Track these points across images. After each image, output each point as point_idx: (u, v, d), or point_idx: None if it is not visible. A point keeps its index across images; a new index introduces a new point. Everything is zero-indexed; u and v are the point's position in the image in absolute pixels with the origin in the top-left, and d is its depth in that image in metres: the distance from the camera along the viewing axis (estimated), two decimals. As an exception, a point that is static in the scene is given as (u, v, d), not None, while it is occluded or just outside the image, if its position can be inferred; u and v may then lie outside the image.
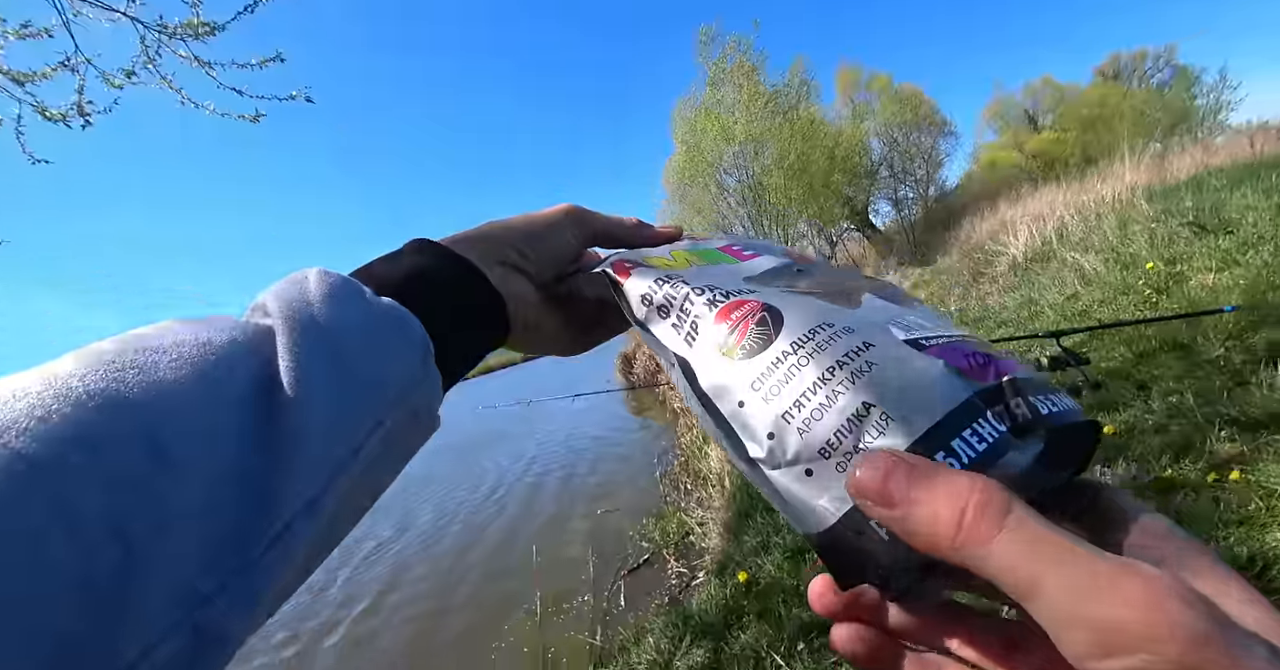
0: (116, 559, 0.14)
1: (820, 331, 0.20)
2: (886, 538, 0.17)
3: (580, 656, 2.29)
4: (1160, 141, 10.54)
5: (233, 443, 0.18)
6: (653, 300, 0.25)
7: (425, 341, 0.24)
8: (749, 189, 11.75)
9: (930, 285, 6.89)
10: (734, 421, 0.21)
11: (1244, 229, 3.42)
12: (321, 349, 0.21)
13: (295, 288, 0.23)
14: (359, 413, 0.21)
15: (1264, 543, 1.33)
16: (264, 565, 0.18)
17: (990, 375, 0.19)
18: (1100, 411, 2.17)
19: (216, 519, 0.17)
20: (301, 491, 0.19)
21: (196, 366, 0.19)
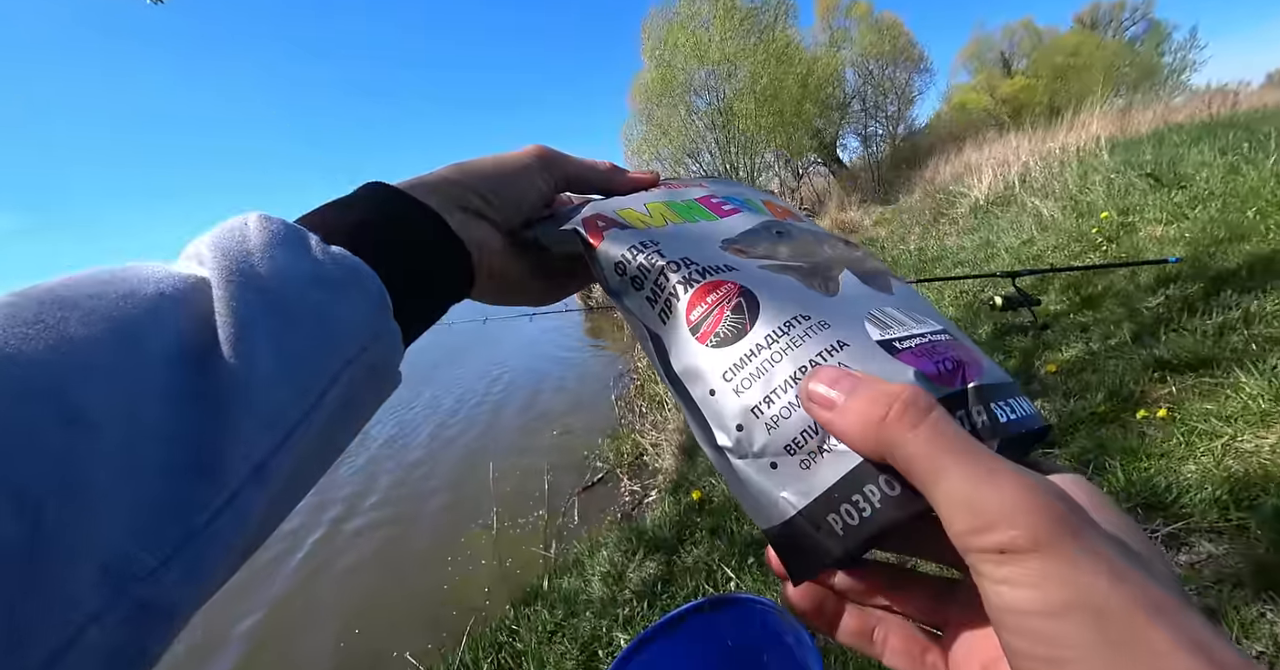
0: (21, 532, 0.13)
1: (796, 325, 0.20)
2: (841, 532, 0.18)
3: (535, 568, 2.37)
4: (1126, 96, 10.67)
5: (158, 403, 0.16)
6: (627, 270, 0.24)
7: (381, 293, 0.22)
8: (719, 112, 11.30)
9: (891, 223, 6.95)
10: (704, 407, 0.21)
11: (1196, 184, 3.53)
12: (262, 302, 0.19)
13: (233, 235, 0.21)
14: (310, 371, 0.20)
15: (1180, 474, 1.44)
16: (212, 533, 0.16)
17: (958, 380, 0.20)
18: (1045, 350, 2.27)
19: (147, 485, 0.15)
20: (248, 455, 0.17)
21: (114, 321, 0.17)
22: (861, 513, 0.18)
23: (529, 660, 1.56)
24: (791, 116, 11.35)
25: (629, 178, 0.32)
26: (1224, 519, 1.26)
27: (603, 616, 1.66)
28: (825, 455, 0.18)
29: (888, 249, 5.63)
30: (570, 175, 0.31)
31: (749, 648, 0.97)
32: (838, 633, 0.22)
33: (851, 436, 0.17)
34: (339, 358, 0.21)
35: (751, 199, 0.31)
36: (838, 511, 0.18)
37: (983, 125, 12.22)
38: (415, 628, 2.18)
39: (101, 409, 0.15)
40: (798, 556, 0.19)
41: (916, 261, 4.57)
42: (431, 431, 4.72)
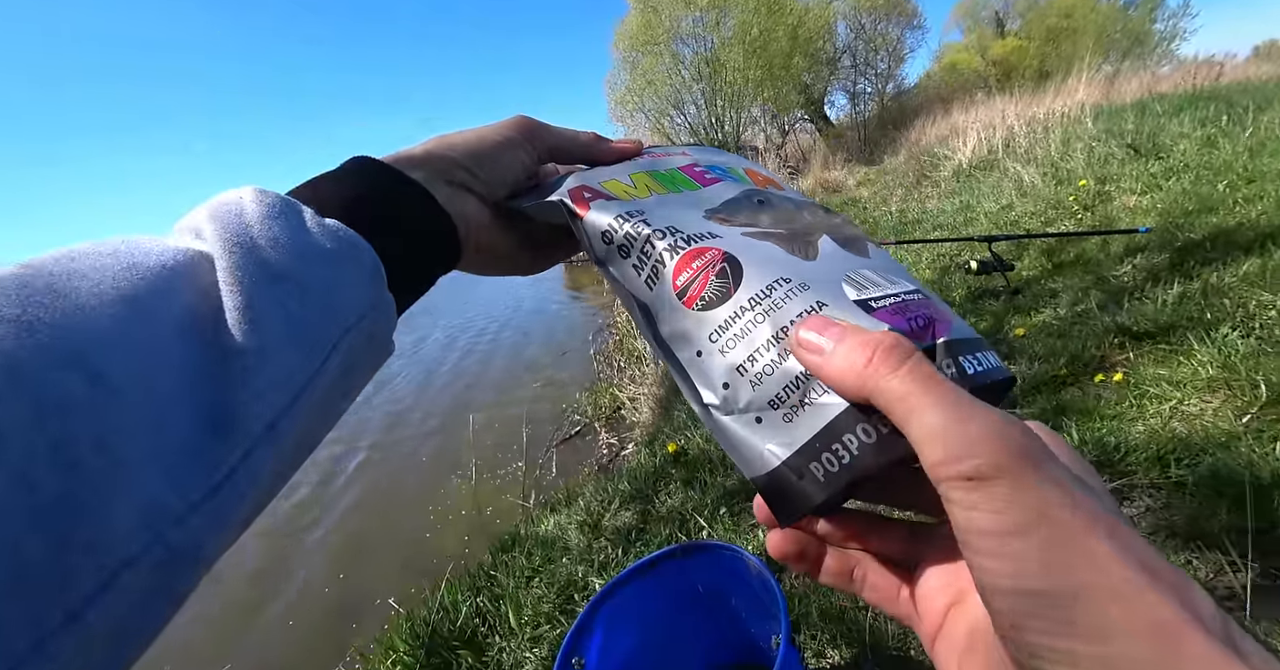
0: (57, 484, 0.14)
1: (778, 288, 0.21)
2: (822, 479, 0.19)
3: (514, 518, 2.43)
4: (1115, 64, 10.58)
5: (172, 370, 0.17)
6: (613, 239, 0.25)
7: (376, 265, 0.23)
8: (705, 63, 10.92)
9: (875, 185, 6.93)
10: (690, 369, 0.22)
11: (1173, 156, 3.57)
12: (265, 273, 0.20)
13: (230, 209, 0.22)
14: (313, 338, 0.21)
15: (1129, 433, 1.52)
16: (231, 486, 0.17)
17: (929, 336, 0.21)
18: (1015, 314, 2.33)
19: (170, 442, 0.16)
20: (261, 415, 0.18)
21: (124, 292, 0.17)
22: (841, 460, 0.19)
23: (507, 603, 1.62)
24: (780, 70, 11.04)
25: (612, 148, 0.33)
26: (1164, 476, 1.35)
27: (579, 562, 1.73)
28: (806, 408, 0.20)
29: (869, 210, 5.63)
30: (553, 146, 0.32)
31: (718, 591, 1.02)
32: (820, 574, 0.24)
33: (838, 380, 0.18)
34: (339, 326, 0.22)
35: (734, 167, 0.32)
36: (819, 460, 0.19)
37: (972, 87, 12.06)
38: (397, 574, 2.24)
39: (121, 374, 0.16)
40: (783, 503, 0.20)
41: (897, 223, 4.59)
42: (406, 382, 4.71)
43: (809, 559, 0.24)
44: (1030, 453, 0.15)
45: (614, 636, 0.93)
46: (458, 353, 5.44)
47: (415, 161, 0.27)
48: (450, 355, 5.38)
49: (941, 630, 0.20)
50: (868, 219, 5.16)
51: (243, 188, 0.23)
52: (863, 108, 13.19)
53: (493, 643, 1.54)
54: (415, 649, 1.53)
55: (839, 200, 6.55)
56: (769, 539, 0.24)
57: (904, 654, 1.17)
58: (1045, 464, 0.15)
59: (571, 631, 0.88)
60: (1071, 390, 1.79)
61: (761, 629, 1.00)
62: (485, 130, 0.30)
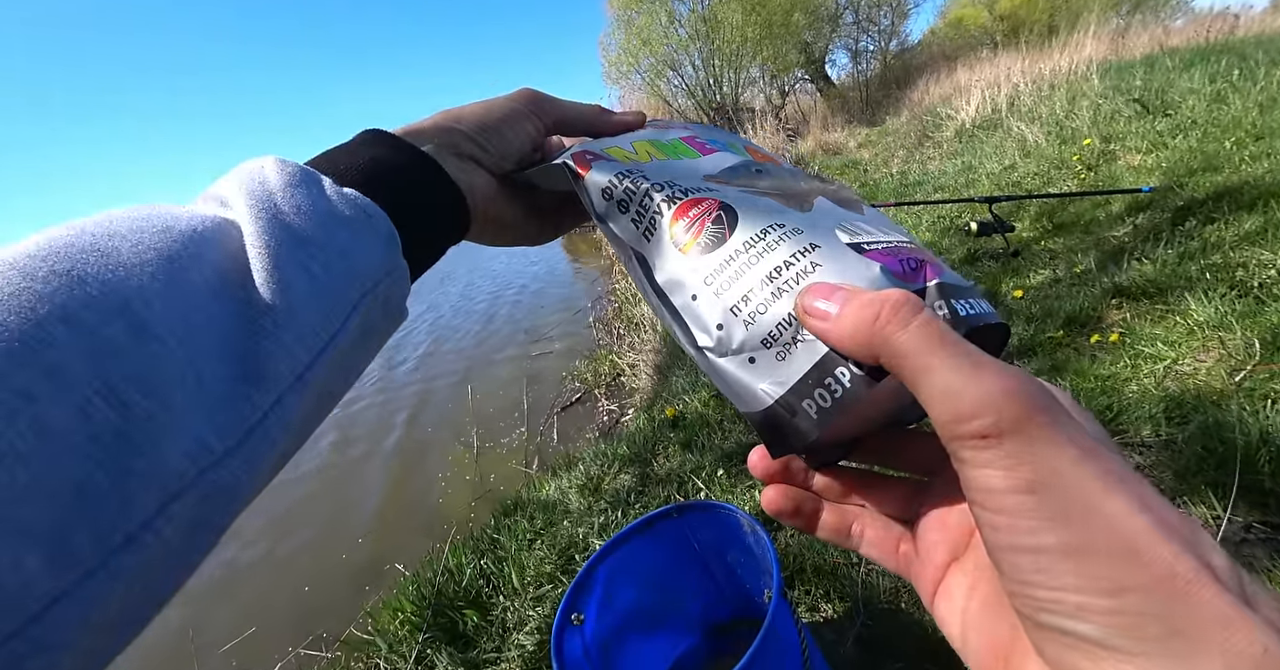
0: (116, 419, 0.15)
1: (772, 232, 0.22)
2: (815, 416, 0.19)
3: (515, 483, 2.47)
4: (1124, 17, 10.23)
5: (210, 322, 0.18)
6: (613, 194, 0.26)
7: (391, 232, 0.24)
8: (702, 21, 10.56)
9: (876, 146, 6.80)
10: (685, 313, 0.23)
11: (1181, 112, 3.49)
12: (290, 237, 0.21)
13: (254, 177, 0.23)
14: (335, 298, 0.22)
15: (1122, 394, 1.54)
16: (264, 430, 0.19)
17: (921, 279, 0.21)
18: (1015, 275, 2.32)
19: (209, 388, 0.18)
20: (290, 366, 0.20)
21: (161, 252, 0.18)
22: (833, 395, 0.19)
23: (510, 564, 1.66)
24: (779, 28, 10.67)
25: (616, 119, 0.34)
26: (1155, 434, 1.37)
27: (579, 524, 1.77)
28: (799, 345, 0.20)
29: (870, 172, 5.54)
30: (559, 118, 0.32)
31: (714, 548, 1.05)
32: (817, 529, 0.24)
33: (846, 341, 0.18)
34: (358, 288, 0.23)
35: (734, 143, 0.32)
36: (811, 397, 0.19)
37: (978, 44, 11.70)
38: (412, 540, 2.30)
39: (162, 326, 0.17)
40: (779, 440, 0.20)
41: (898, 185, 4.52)
42: (408, 351, 4.73)
43: (804, 514, 0.24)
44: (1044, 408, 0.15)
45: (613, 593, 0.95)
46: (450, 321, 5.45)
47: (425, 134, 0.28)
48: (441, 324, 5.38)
49: (941, 586, 0.20)
50: (868, 181, 5.08)
51: (264, 158, 0.24)
52: (865, 67, 12.81)
53: (497, 602, 1.58)
54: (422, 609, 1.57)
55: (839, 162, 6.44)
56: (764, 495, 0.24)
57: (895, 607, 1.21)
58: (1059, 419, 0.15)
59: (571, 588, 0.90)
60: (1067, 351, 1.79)
61: (757, 585, 1.03)
62: (492, 103, 0.31)
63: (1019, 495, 0.14)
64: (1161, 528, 0.13)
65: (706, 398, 2.24)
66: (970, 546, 0.20)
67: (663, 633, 1.04)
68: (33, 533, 0.14)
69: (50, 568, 0.14)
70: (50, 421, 0.14)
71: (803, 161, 6.60)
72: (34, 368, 0.15)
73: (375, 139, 0.27)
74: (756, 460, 0.24)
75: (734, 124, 9.37)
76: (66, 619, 0.14)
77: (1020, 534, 0.14)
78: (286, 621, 2.11)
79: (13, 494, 0.13)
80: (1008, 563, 0.15)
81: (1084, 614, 0.13)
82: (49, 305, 0.16)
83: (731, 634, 1.10)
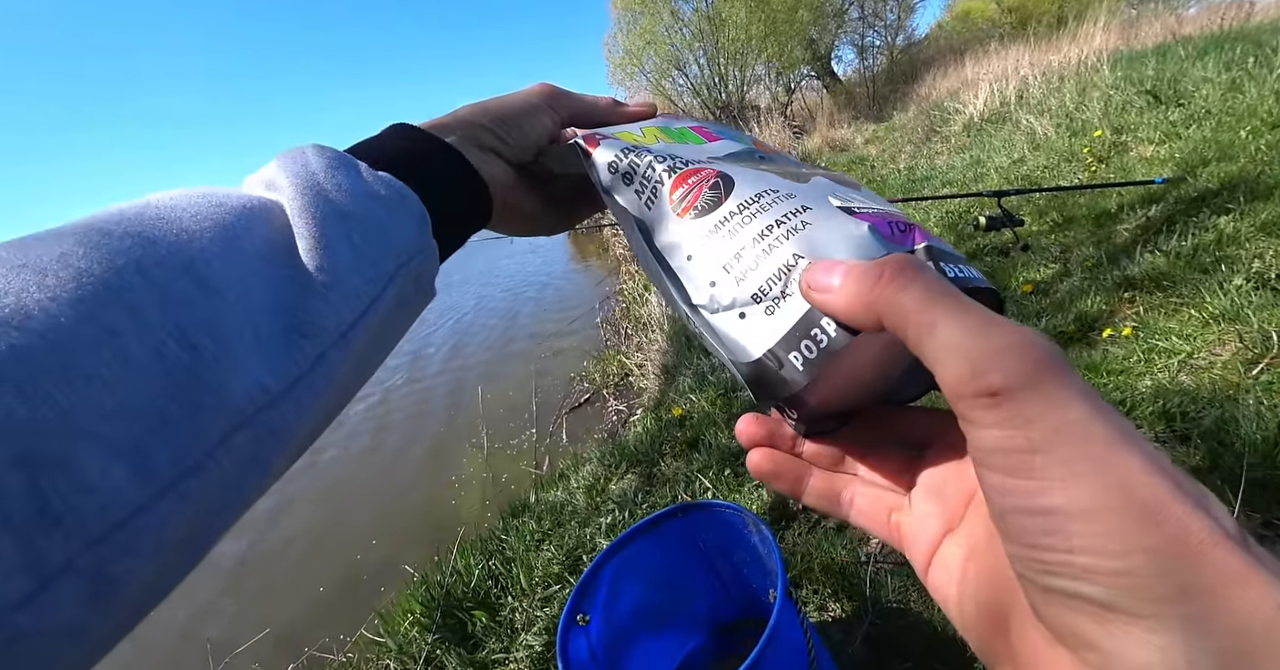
0: (187, 358, 0.17)
1: (765, 195, 0.23)
2: (801, 367, 0.20)
3: (525, 484, 2.48)
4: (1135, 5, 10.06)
5: (264, 283, 0.20)
6: (618, 168, 0.27)
7: (423, 212, 0.26)
8: (706, 19, 10.53)
9: (884, 141, 6.75)
10: (681, 273, 0.24)
11: (1195, 102, 3.43)
12: (334, 211, 0.23)
13: (297, 161, 0.25)
14: (375, 267, 0.23)
15: (1136, 389, 1.51)
16: (311, 380, 0.20)
17: (910, 241, 0.21)
18: (1024, 270, 2.30)
19: (265, 337, 0.19)
20: (336, 324, 0.21)
21: (216, 222, 0.20)
22: (819, 345, 0.19)
23: (518, 565, 1.67)
24: (784, 25, 10.62)
25: (628, 111, 0.35)
26: (1169, 429, 1.34)
27: (586, 525, 1.77)
28: (787, 299, 0.20)
29: (877, 168, 5.50)
30: (574, 111, 0.34)
31: (720, 547, 1.04)
32: (804, 494, 0.24)
33: (848, 308, 0.18)
34: (394, 260, 0.24)
35: (740, 137, 0.34)
36: (798, 348, 0.20)
37: (985, 37, 11.58)
38: (423, 540, 2.31)
39: (222, 283, 0.19)
40: (765, 389, 0.21)
41: (905, 181, 4.48)
42: (418, 350, 4.76)
43: (788, 479, 0.24)
44: (1056, 364, 0.14)
45: (618, 594, 0.95)
46: (461, 321, 5.48)
47: (449, 127, 0.30)
48: (452, 324, 5.41)
49: (935, 557, 0.20)
50: (875, 177, 5.05)
51: (304, 145, 0.26)
52: (871, 62, 12.72)
53: (505, 603, 1.59)
54: (431, 610, 1.58)
55: (846, 159, 6.40)
56: (749, 458, 0.24)
57: (904, 606, 1.20)
58: (1070, 375, 0.14)
59: (576, 589, 0.90)
60: (1079, 345, 1.77)
61: (763, 584, 1.02)
62: (512, 97, 0.33)
63: (1028, 454, 0.14)
64: (1174, 488, 0.13)
65: (713, 396, 2.23)
66: (965, 517, 0.20)
67: (669, 632, 1.04)
68: (120, 448, 0.15)
69: (134, 480, 0.15)
70: (132, 355, 0.16)
71: (809, 158, 6.56)
72: (117, 308, 0.16)
73: (403, 132, 0.29)
74: (743, 427, 0.24)
75: (740, 122, 9.34)
76: (146, 529, 0.16)
77: (1029, 495, 0.14)
78: (301, 622, 2.13)
79: (103, 413, 0.15)
80: (1014, 525, 0.14)
81: (1091, 575, 0.13)
82: (125, 259, 0.18)
83: (738, 633, 1.09)
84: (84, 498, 0.15)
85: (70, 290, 0.16)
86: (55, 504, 0.14)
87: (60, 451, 0.14)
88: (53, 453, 0.14)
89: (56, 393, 0.15)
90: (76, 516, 0.14)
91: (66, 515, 0.14)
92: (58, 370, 0.15)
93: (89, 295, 0.16)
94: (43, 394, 0.14)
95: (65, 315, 0.16)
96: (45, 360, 0.15)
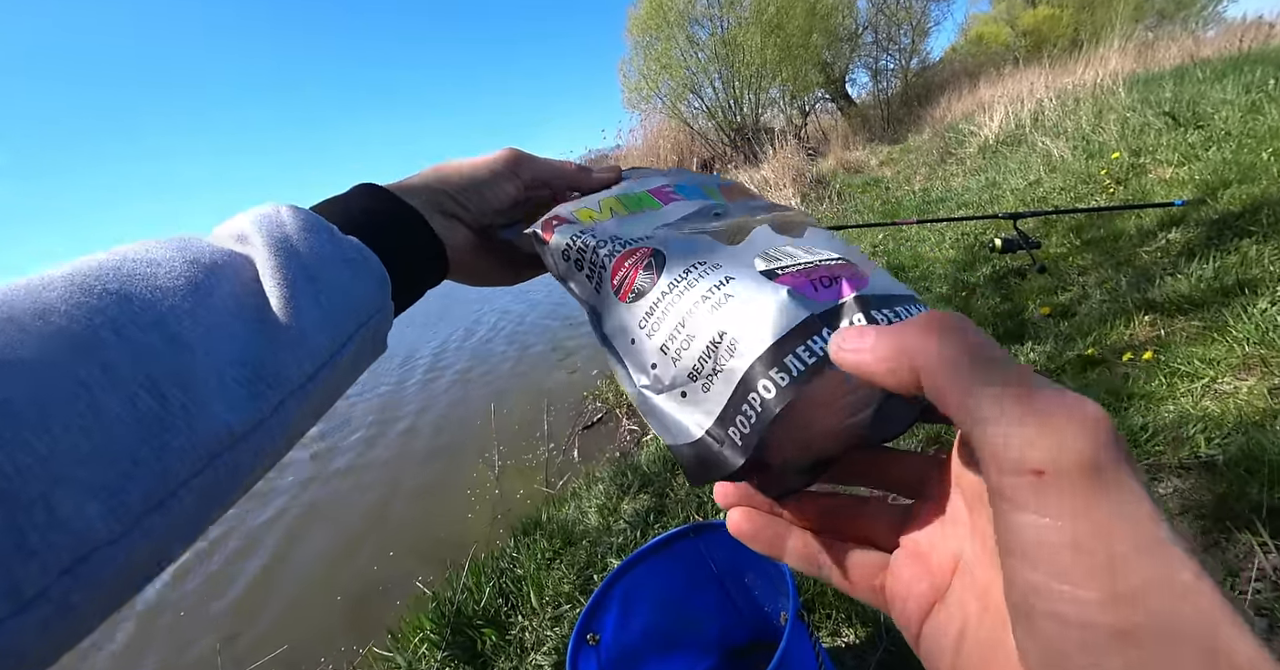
0: (157, 407, 0.19)
1: (694, 270, 0.23)
2: (740, 442, 0.19)
3: (536, 501, 2.47)
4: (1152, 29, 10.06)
5: (234, 337, 0.22)
6: (570, 255, 0.28)
7: (384, 276, 0.28)
8: (722, 44, 10.72)
9: (898, 163, 6.77)
10: (626, 357, 0.24)
11: (1214, 124, 3.41)
12: (304, 273, 0.25)
13: (272, 221, 0.26)
14: (336, 327, 0.25)
15: (1158, 414, 1.49)
16: (267, 427, 0.22)
17: (835, 295, 0.21)
18: (1041, 293, 2.27)
19: (232, 385, 0.21)
20: (296, 375, 0.23)
21: (189, 279, 0.22)
22: (750, 419, 0.19)
23: (528, 584, 1.66)
24: (799, 49, 10.77)
25: (593, 178, 0.36)
26: (1194, 456, 1.32)
27: (597, 544, 1.76)
28: (720, 374, 0.20)
29: (892, 190, 5.51)
30: (539, 177, 0.35)
31: (732, 569, 1.03)
32: (785, 555, 0.23)
33: (882, 367, 0.16)
34: (355, 321, 0.26)
35: (708, 185, 0.34)
36: (734, 423, 0.19)
37: (1000, 60, 11.64)
38: (434, 558, 2.31)
39: (191, 337, 0.21)
40: (699, 470, 0.21)
41: (921, 203, 4.48)
42: (430, 377, 4.80)
43: (763, 541, 0.23)
44: (1114, 443, 0.12)
45: (629, 614, 0.95)
46: (484, 333, 5.54)
47: (414, 191, 0.32)
48: (476, 340, 5.47)
49: (925, 628, 0.19)
50: (890, 199, 5.05)
51: (278, 205, 0.28)
52: (885, 85, 12.82)
53: (515, 622, 1.58)
54: (441, 627, 1.58)
55: (861, 180, 6.42)
56: (728, 518, 0.23)
57: (921, 633, 1.17)
58: (1128, 466, 0.12)
59: (586, 609, 0.90)
60: (1099, 369, 1.74)
61: (775, 607, 1.01)
62: (478, 163, 0.34)
63: (1074, 553, 0.12)
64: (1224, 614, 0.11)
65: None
66: (952, 585, 0.18)
67: (679, 654, 1.03)
68: (95, 488, 0.17)
69: (107, 517, 0.17)
70: (106, 405, 0.18)
71: (824, 180, 6.59)
72: (92, 364, 0.18)
73: (372, 192, 0.31)
74: (719, 488, 0.23)
75: (754, 144, 9.42)
76: (111, 562, 0.17)
77: (1068, 602, 0.12)
78: (311, 638, 2.13)
79: (78, 457, 0.17)
80: (1043, 630, 0.12)
81: None
82: (102, 316, 0.19)
83: (749, 657, 1.07)
84: (59, 533, 0.16)
85: (50, 347, 0.18)
86: (32, 538, 0.16)
87: (39, 492, 0.16)
88: (32, 493, 0.16)
89: (34, 440, 0.16)
90: (52, 550, 0.16)
91: (42, 549, 0.16)
92: (36, 420, 0.17)
93: (66, 352, 0.18)
94: (20, 441, 0.16)
95: (44, 372, 0.17)
96: (25, 412, 0.16)
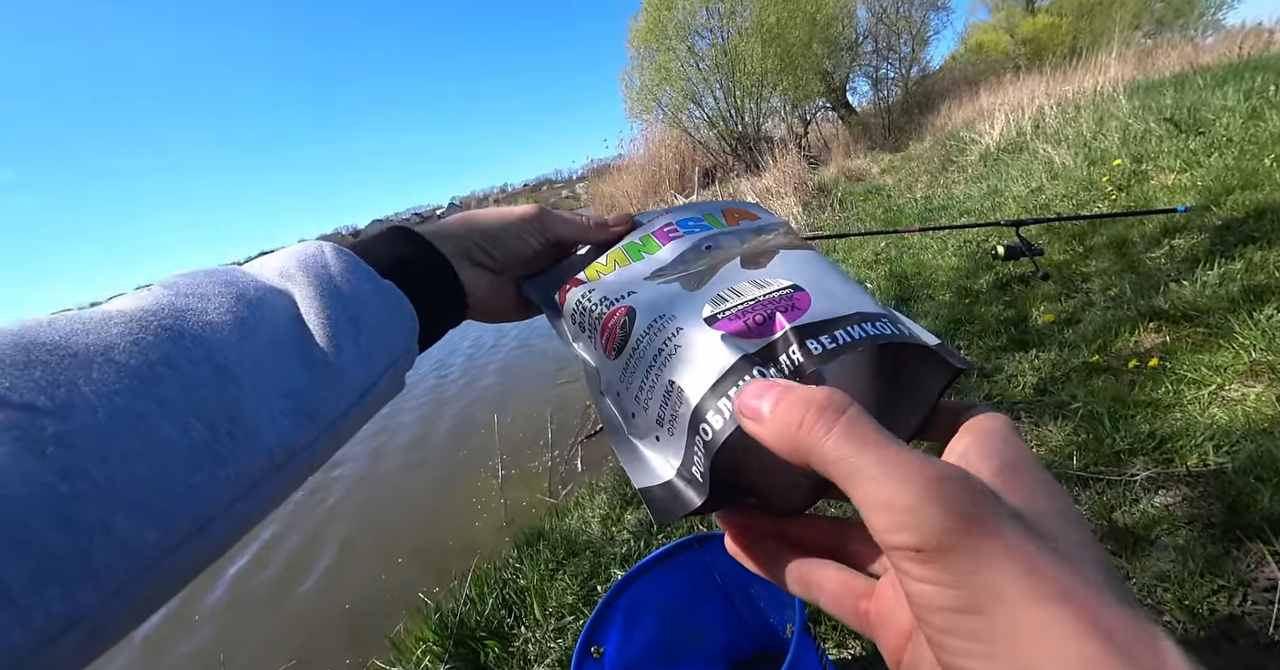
0: (208, 436, 0.20)
1: (655, 323, 0.25)
2: (701, 479, 0.21)
3: (539, 511, 2.46)
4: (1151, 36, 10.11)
5: (278, 370, 0.24)
6: (576, 317, 0.30)
7: (414, 319, 0.30)
8: (723, 54, 10.80)
9: (899, 172, 6.78)
10: (616, 409, 0.27)
11: (1215, 131, 3.42)
12: (345, 313, 0.27)
13: (316, 260, 0.28)
14: (371, 366, 0.27)
15: (1165, 421, 1.47)
16: (301, 457, 0.24)
17: (770, 331, 0.22)
18: (1044, 300, 2.27)
19: (278, 416, 0.23)
20: (334, 410, 0.25)
21: (236, 314, 0.24)
22: (703, 454, 0.20)
23: (532, 595, 1.65)
24: (799, 58, 10.85)
25: (609, 232, 0.38)
26: (1202, 463, 1.30)
27: (601, 555, 1.74)
28: (678, 419, 0.22)
29: (894, 198, 5.52)
30: (560, 235, 0.38)
31: (737, 580, 1.02)
32: (778, 576, 0.23)
33: (776, 448, 0.18)
34: (386, 360, 0.28)
35: (710, 214, 0.35)
36: (694, 461, 0.21)
37: (1000, 68, 11.69)
38: (431, 568, 2.30)
39: (239, 369, 0.22)
40: (664, 508, 0.22)
41: (923, 210, 4.49)
42: (435, 387, 4.80)
43: (759, 561, 0.23)
44: (978, 515, 0.14)
45: (633, 626, 0.94)
46: (488, 343, 5.54)
47: (445, 237, 0.34)
48: (480, 350, 5.47)
49: (907, 655, 0.19)
50: (892, 207, 5.06)
51: (321, 243, 0.30)
52: (886, 94, 12.90)
53: (518, 633, 1.57)
54: (444, 639, 1.56)
55: (863, 188, 6.44)
56: (726, 539, 0.24)
57: (928, 645, 1.15)
58: (997, 527, 0.14)
59: (590, 621, 0.89)
60: (1104, 377, 1.73)
61: (780, 619, 1.00)
62: (505, 215, 0.37)
63: (961, 615, 0.14)
64: (1112, 652, 0.12)
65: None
66: None
67: (684, 667, 1.02)
68: (151, 512, 0.18)
69: (162, 539, 0.19)
70: (159, 434, 0.19)
71: (825, 188, 6.61)
72: (149, 399, 0.20)
73: (405, 237, 0.33)
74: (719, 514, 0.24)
75: (756, 153, 9.46)
76: (146, 585, 0.18)
77: (961, 656, 0.14)
78: (314, 649, 2.11)
79: (135, 481, 0.18)
80: None
81: None
82: (157, 353, 0.21)
83: (755, 669, 1.06)
84: (118, 555, 0.17)
85: (111, 382, 0.19)
86: (95, 560, 0.17)
87: (98, 517, 0.17)
88: (91, 519, 0.17)
89: (93, 469, 0.17)
90: (111, 571, 0.17)
91: (103, 570, 0.17)
92: (94, 451, 0.18)
93: (125, 387, 0.19)
94: (79, 470, 0.17)
95: (104, 406, 0.19)
96: (84, 444, 0.18)
